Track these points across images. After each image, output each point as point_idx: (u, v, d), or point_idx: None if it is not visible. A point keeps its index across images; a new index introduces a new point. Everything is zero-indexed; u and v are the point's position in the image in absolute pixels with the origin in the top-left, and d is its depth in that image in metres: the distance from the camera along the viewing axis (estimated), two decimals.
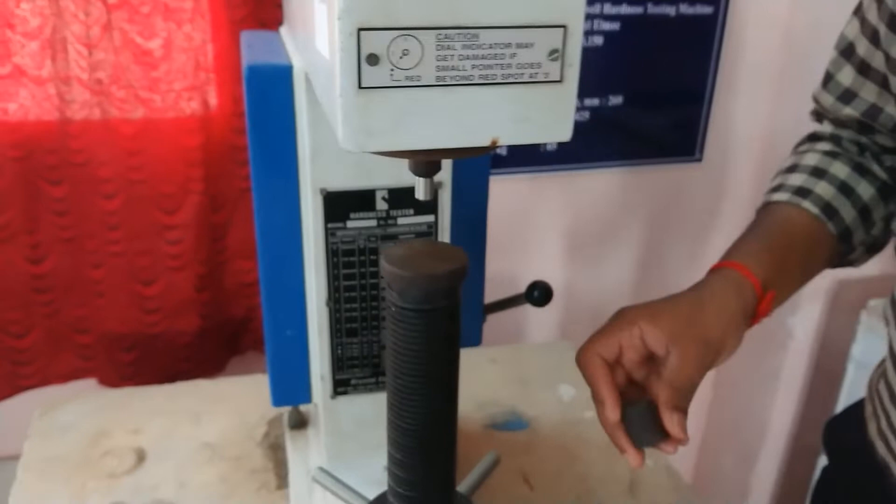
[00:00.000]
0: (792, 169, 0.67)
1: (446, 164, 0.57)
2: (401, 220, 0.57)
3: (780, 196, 0.65)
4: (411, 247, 0.43)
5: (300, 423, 0.82)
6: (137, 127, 1.01)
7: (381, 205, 0.56)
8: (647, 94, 1.30)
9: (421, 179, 0.40)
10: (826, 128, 0.69)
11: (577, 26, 0.33)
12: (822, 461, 1.31)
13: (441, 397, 0.44)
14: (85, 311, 1.10)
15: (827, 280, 1.37)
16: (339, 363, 0.61)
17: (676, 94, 1.32)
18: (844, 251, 0.66)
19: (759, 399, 1.50)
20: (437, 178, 0.56)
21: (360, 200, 0.56)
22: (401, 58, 0.31)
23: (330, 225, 0.56)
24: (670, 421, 0.51)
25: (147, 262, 1.08)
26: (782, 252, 0.61)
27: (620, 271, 1.43)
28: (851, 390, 1.27)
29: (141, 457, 0.82)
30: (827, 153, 0.66)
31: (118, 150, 1.01)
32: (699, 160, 1.38)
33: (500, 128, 0.34)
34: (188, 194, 1.06)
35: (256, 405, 0.91)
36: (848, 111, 0.65)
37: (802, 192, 0.64)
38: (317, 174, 0.54)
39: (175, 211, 1.06)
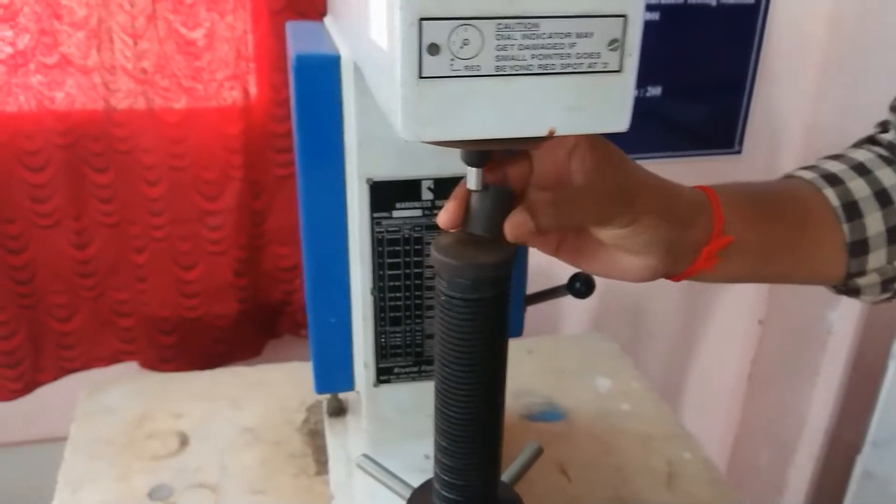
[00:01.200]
0: (835, 157, 0.57)
1: None
2: None
3: (804, 173, 0.55)
4: (460, 236, 0.43)
5: (339, 410, 0.83)
6: (180, 115, 1.02)
7: (427, 195, 0.56)
8: (687, 85, 1.28)
9: (473, 169, 0.40)
10: (890, 136, 0.58)
11: (637, 16, 0.33)
12: (862, 458, 1.30)
13: (488, 386, 0.45)
14: (127, 295, 1.12)
15: None
16: (383, 351, 0.61)
17: (716, 85, 1.30)
18: (853, 269, 0.53)
19: (796, 394, 1.48)
20: None
21: (406, 190, 0.56)
22: (461, 47, 0.31)
23: (375, 214, 0.56)
24: (515, 215, 0.41)
25: (188, 247, 1.10)
26: (769, 213, 0.51)
27: None
28: (893, 387, 1.24)
29: (184, 440, 0.84)
30: (882, 157, 0.56)
31: (161, 138, 1.03)
32: (739, 152, 1.36)
33: (558, 118, 0.34)
34: (229, 181, 1.07)
35: (296, 392, 0.92)
36: None
37: (832, 178, 0.53)
38: (363, 163, 0.55)
39: (216, 197, 1.08)
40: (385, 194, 0.56)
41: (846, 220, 0.52)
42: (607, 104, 0.34)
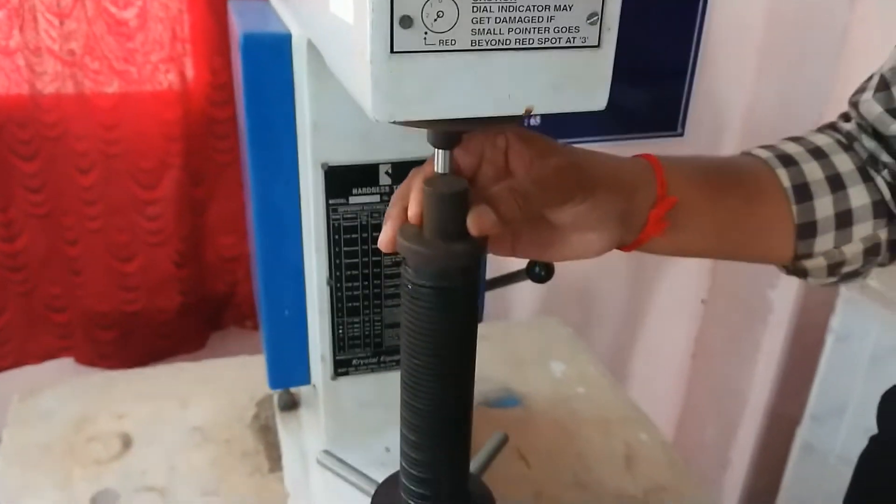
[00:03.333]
0: (795, 139, 0.56)
1: None
2: None
3: (761, 152, 0.55)
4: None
5: (291, 404, 0.80)
6: (114, 100, 0.97)
7: (385, 179, 0.54)
8: (629, 68, 1.29)
9: (440, 151, 0.39)
10: (849, 126, 0.56)
11: None
12: (802, 431, 1.34)
13: (458, 378, 0.43)
14: (61, 289, 1.07)
15: None
16: (341, 343, 0.59)
17: (658, 68, 1.32)
18: (801, 251, 0.53)
19: (738, 371, 1.52)
20: None
21: (363, 175, 0.54)
22: (435, 20, 0.29)
23: (331, 201, 0.54)
24: (477, 208, 0.38)
25: (126, 239, 1.05)
26: (719, 185, 0.51)
27: None
28: (831, 362, 1.28)
29: (127, 442, 0.80)
30: (840, 143, 0.55)
31: (94, 124, 0.98)
32: (681, 135, 1.37)
33: (535, 96, 0.32)
34: (167, 169, 1.03)
35: (244, 387, 0.89)
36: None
37: (787, 159, 0.53)
38: (318, 148, 0.52)
39: (154, 186, 1.03)
40: (341, 180, 0.53)
41: (796, 201, 0.52)
42: (585, 81, 0.32)
